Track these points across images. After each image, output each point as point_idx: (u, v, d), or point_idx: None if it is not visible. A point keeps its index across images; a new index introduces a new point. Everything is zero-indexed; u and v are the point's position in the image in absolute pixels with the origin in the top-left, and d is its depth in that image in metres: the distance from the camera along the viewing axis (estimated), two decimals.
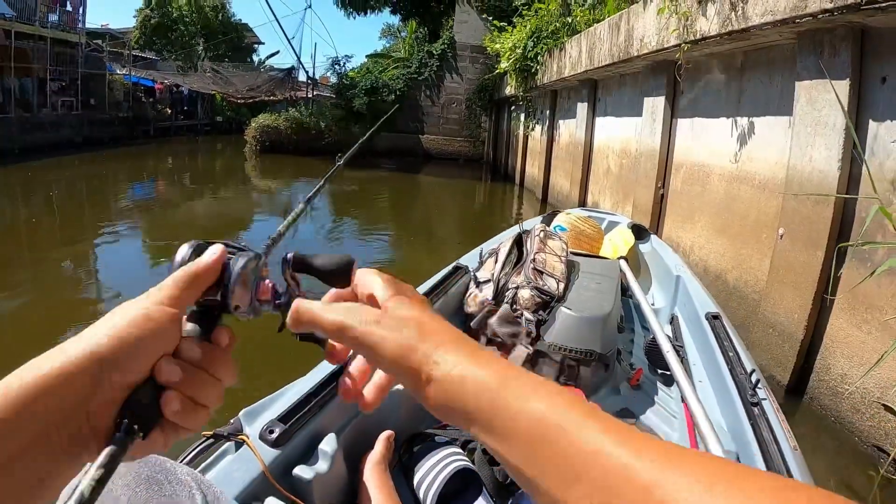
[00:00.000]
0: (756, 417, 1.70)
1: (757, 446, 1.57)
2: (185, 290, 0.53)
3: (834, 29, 3.34)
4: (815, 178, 3.49)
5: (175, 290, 0.52)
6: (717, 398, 2.08)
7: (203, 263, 0.55)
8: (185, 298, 0.53)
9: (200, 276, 0.54)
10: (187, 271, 0.54)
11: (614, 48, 6.68)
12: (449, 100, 21.52)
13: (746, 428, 1.68)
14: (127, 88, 26.26)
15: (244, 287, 0.56)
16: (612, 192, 8.01)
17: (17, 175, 13.76)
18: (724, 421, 1.92)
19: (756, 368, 1.98)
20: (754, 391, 1.82)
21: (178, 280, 0.53)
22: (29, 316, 5.17)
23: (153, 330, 0.49)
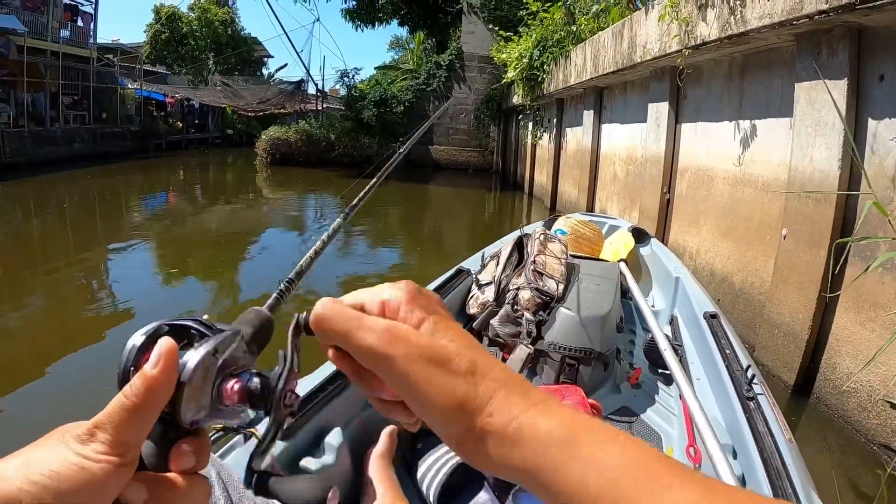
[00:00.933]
0: (752, 411, 1.72)
1: (752, 439, 1.59)
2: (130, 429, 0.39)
3: (831, 29, 3.36)
4: (816, 177, 3.51)
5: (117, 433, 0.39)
6: (715, 394, 2.11)
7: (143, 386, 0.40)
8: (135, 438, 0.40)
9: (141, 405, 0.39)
10: (121, 404, 0.39)
11: (618, 55, 6.71)
12: (457, 110, 21.61)
13: (742, 422, 1.70)
14: (138, 102, 26.55)
15: (198, 398, 0.42)
16: (620, 198, 8.02)
17: (30, 188, 13.95)
18: (721, 416, 1.94)
19: (752, 364, 2.00)
20: (750, 386, 1.84)
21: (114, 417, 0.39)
22: (42, 327, 5.22)
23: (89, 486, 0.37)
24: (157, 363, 0.40)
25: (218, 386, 0.43)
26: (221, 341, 0.43)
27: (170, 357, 0.40)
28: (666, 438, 2.17)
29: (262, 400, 0.44)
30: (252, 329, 0.47)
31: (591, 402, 2.01)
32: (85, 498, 0.37)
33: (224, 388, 0.43)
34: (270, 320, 0.50)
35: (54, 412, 3.31)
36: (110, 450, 0.38)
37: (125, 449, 0.39)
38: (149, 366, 0.40)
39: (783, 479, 1.40)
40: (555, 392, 2.03)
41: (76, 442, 0.38)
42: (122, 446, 0.39)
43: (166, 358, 0.40)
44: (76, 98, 22.48)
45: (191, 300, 6.14)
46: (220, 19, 34.54)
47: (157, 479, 0.41)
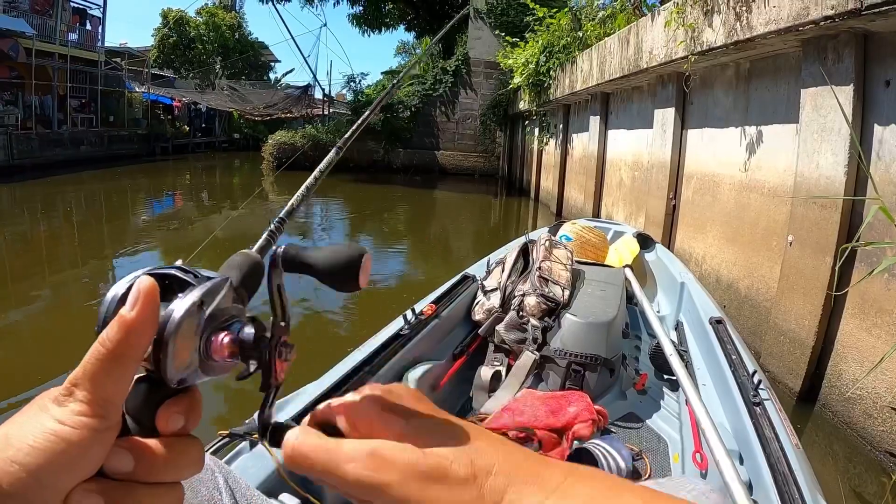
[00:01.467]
0: (758, 417, 1.71)
1: (759, 445, 1.59)
2: (109, 382, 0.35)
3: (837, 35, 3.36)
4: (822, 183, 3.50)
5: (95, 388, 0.35)
6: (721, 400, 2.10)
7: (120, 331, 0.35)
8: (114, 392, 0.36)
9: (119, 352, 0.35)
10: (98, 353, 0.36)
11: (624, 61, 6.72)
12: (464, 115, 21.59)
13: (749, 427, 1.69)
14: (145, 106, 26.66)
15: (185, 353, 0.38)
16: (626, 203, 8.02)
17: (38, 190, 14.01)
18: (727, 421, 1.93)
19: (758, 370, 2.00)
20: (756, 391, 1.84)
21: (90, 369, 0.35)
22: (48, 329, 5.25)
23: (68, 456, 0.34)
24: (134, 304, 0.36)
25: (206, 339, 0.39)
26: (208, 290, 0.39)
27: (148, 297, 0.36)
28: (672, 444, 2.17)
29: (255, 352, 0.41)
30: (240, 274, 0.43)
31: (598, 409, 2.02)
32: (67, 469, 0.34)
33: (213, 342, 0.39)
34: (260, 263, 0.46)
35: None
36: (89, 409, 0.35)
37: (105, 407, 0.35)
38: (125, 308, 0.36)
39: (790, 484, 1.39)
40: (561, 398, 2.04)
41: (54, 404, 0.35)
42: (102, 404, 0.35)
43: (145, 297, 0.36)
44: (84, 101, 22.59)
45: None
46: (227, 24, 34.69)
47: (143, 444, 0.37)
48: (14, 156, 15.83)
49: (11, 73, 18.68)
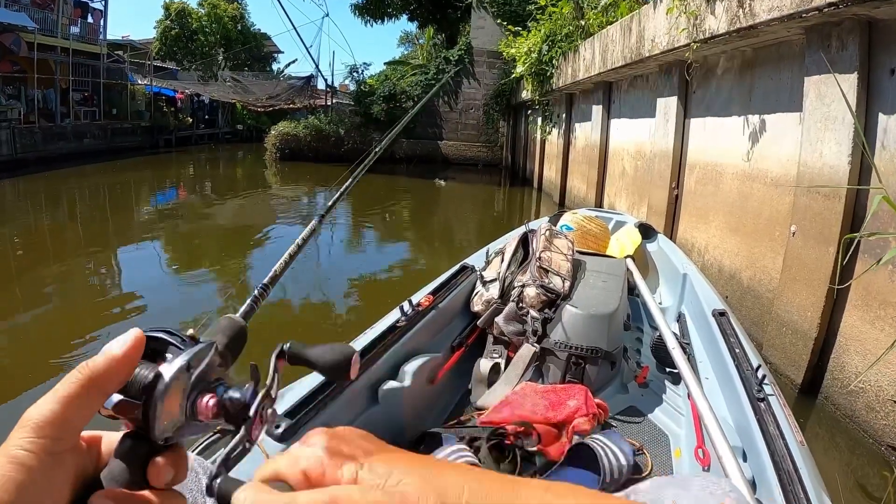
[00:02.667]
0: (762, 413, 1.68)
1: (763, 441, 1.56)
2: (73, 403, 0.37)
3: (840, 22, 3.32)
4: (825, 173, 3.47)
5: (54, 412, 0.36)
6: (724, 394, 2.07)
7: (100, 363, 0.38)
8: (75, 421, 0.37)
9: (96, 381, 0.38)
10: (74, 377, 0.38)
11: (626, 50, 6.67)
12: (466, 105, 21.58)
13: (752, 423, 1.66)
14: (148, 98, 26.64)
15: (172, 412, 0.41)
16: (628, 193, 7.99)
17: (41, 183, 14.04)
18: (731, 417, 1.91)
19: (762, 364, 1.97)
20: (760, 387, 1.81)
21: (61, 390, 0.37)
22: (53, 321, 5.27)
23: (25, 484, 0.34)
24: (122, 346, 0.40)
25: (192, 401, 0.42)
26: (195, 354, 0.42)
27: (137, 342, 0.40)
28: (674, 439, 2.14)
29: (237, 414, 0.43)
30: (226, 338, 0.47)
31: (598, 402, 1.99)
32: (30, 495, 0.34)
33: (199, 404, 0.42)
34: (244, 328, 0.49)
35: None
36: (45, 431, 0.36)
37: (63, 429, 0.36)
38: (115, 344, 0.40)
39: (794, 483, 1.36)
40: (561, 391, 2.02)
41: (20, 427, 0.36)
42: (63, 425, 0.36)
43: (133, 342, 0.40)
44: (86, 94, 22.60)
45: (201, 295, 6.15)
46: (229, 15, 34.65)
47: (129, 495, 0.39)
48: (17, 150, 15.82)
49: (14, 67, 18.67)
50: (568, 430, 1.88)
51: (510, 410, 1.95)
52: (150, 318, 5.16)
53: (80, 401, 0.37)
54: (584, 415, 1.90)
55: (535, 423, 1.86)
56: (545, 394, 2.01)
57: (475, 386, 2.33)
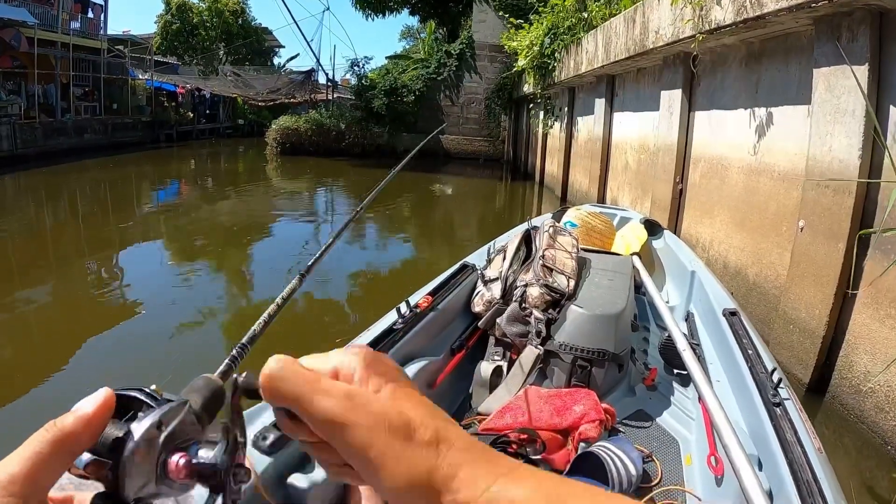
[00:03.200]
0: (778, 418, 1.61)
1: (780, 449, 1.48)
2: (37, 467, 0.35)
3: (851, 13, 3.24)
4: (835, 167, 3.39)
5: (20, 468, 0.35)
6: (737, 398, 1.98)
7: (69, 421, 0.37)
8: (41, 479, 0.36)
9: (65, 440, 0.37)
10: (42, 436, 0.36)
11: (630, 42, 6.58)
12: (468, 99, 21.53)
13: (768, 430, 1.59)
14: (149, 93, 26.63)
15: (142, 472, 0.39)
16: (631, 187, 7.92)
17: (42, 178, 14.03)
18: (745, 422, 1.82)
19: (777, 367, 1.88)
20: (776, 391, 1.73)
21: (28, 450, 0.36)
22: (53, 315, 5.28)
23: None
24: (93, 405, 0.38)
25: (163, 460, 0.40)
26: (167, 412, 0.40)
27: (107, 402, 0.39)
28: (684, 445, 2.07)
29: (211, 476, 0.40)
30: (201, 398, 0.43)
31: (605, 407, 1.92)
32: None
33: (169, 463, 0.40)
34: (221, 388, 0.46)
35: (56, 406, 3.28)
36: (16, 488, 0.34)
37: (32, 489, 0.35)
38: (85, 403, 0.38)
39: (815, 494, 1.29)
40: (567, 396, 1.95)
41: None
42: (30, 483, 0.35)
43: (104, 401, 0.39)
44: (87, 89, 22.53)
45: (201, 292, 6.11)
46: (230, 9, 34.52)
47: None
48: (18, 145, 15.79)
49: (14, 62, 18.63)
50: (574, 437, 1.81)
51: (513, 416, 1.88)
52: (151, 314, 5.14)
53: (48, 460, 0.36)
54: (591, 421, 1.83)
55: (540, 430, 1.80)
56: (550, 398, 1.95)
57: (476, 390, 2.26)
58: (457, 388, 2.33)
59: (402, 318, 2.12)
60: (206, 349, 4.52)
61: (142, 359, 4.24)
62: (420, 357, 2.08)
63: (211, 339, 4.85)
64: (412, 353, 2.08)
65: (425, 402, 0.44)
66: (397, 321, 2.09)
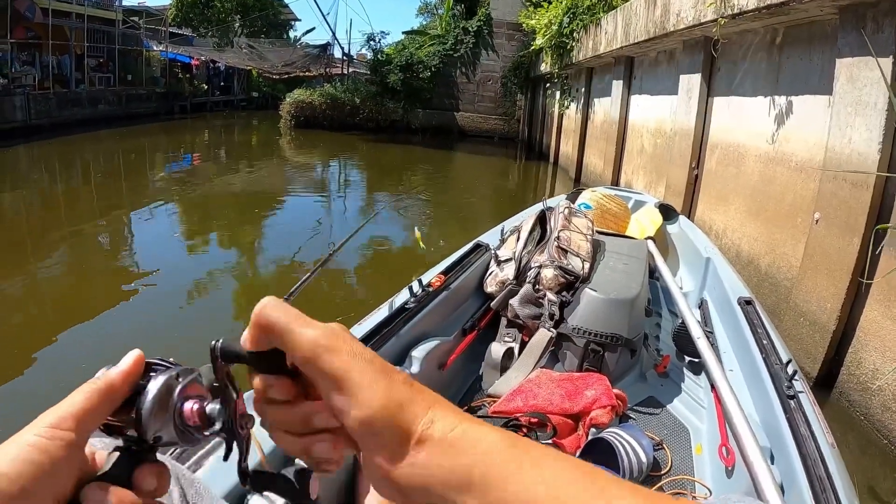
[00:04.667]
0: (792, 411, 1.59)
1: (793, 442, 1.47)
2: (88, 409, 0.42)
3: (877, 3, 3.18)
4: (854, 159, 3.35)
5: (73, 409, 0.41)
6: (750, 389, 1.97)
7: (114, 373, 0.44)
8: (89, 420, 0.42)
9: (110, 389, 0.43)
10: (89, 386, 0.43)
11: (650, 24, 6.51)
12: (484, 77, 21.36)
13: (782, 422, 1.57)
14: (163, 65, 26.54)
15: (161, 412, 0.45)
16: (646, 171, 7.87)
17: (56, 149, 14.07)
18: (757, 414, 1.80)
19: (792, 359, 1.86)
20: (791, 383, 1.71)
21: (78, 396, 0.42)
22: (65, 285, 5.32)
23: (43, 467, 0.38)
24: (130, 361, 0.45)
25: (180, 406, 0.46)
26: (182, 370, 0.47)
27: (139, 360, 0.45)
28: (695, 434, 2.07)
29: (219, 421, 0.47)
30: (207, 378, 0.50)
31: (617, 393, 1.92)
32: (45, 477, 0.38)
33: (185, 409, 0.46)
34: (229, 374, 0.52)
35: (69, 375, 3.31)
36: (66, 424, 0.40)
37: (80, 427, 0.41)
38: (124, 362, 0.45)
39: (827, 489, 1.28)
40: (578, 380, 1.96)
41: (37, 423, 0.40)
42: (79, 423, 0.41)
43: (137, 359, 0.45)
44: (101, 60, 22.43)
45: (213, 262, 6.14)
46: None
47: (123, 491, 0.42)
48: (32, 116, 15.78)
49: (28, 33, 18.56)
50: (585, 422, 1.82)
51: (524, 399, 1.89)
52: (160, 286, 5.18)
53: (96, 405, 0.42)
54: (602, 406, 1.84)
55: (551, 415, 1.80)
56: (561, 382, 1.95)
57: (487, 372, 2.27)
58: (468, 369, 2.35)
59: (415, 296, 2.13)
60: (213, 322, 4.56)
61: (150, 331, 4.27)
62: (431, 337, 2.09)
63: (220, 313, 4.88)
64: (424, 333, 2.09)
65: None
66: (409, 300, 2.10)
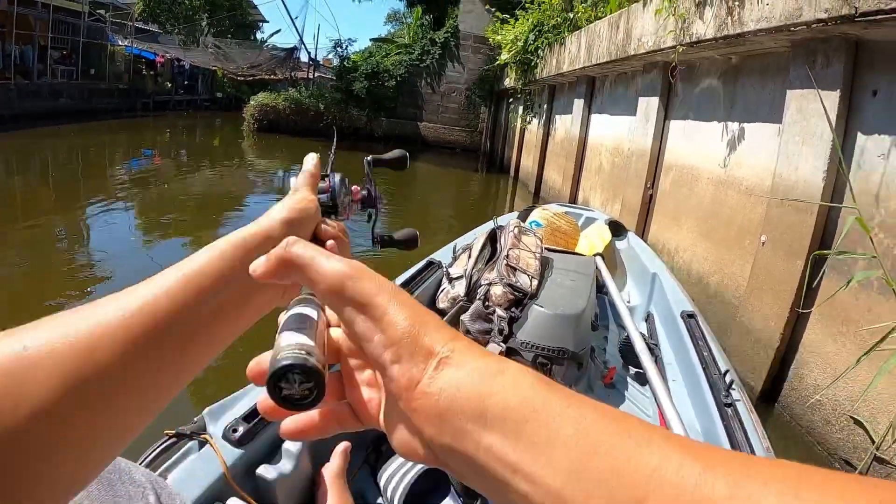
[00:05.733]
0: (729, 419, 1.69)
1: (729, 447, 1.56)
2: (312, 185, 0.71)
3: (828, 39, 3.31)
4: (800, 187, 3.48)
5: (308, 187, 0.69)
6: (691, 398, 2.06)
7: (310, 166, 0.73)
8: (313, 190, 0.70)
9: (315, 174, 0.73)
10: (310, 174, 0.72)
11: (612, 46, 6.65)
12: (449, 88, 21.48)
13: (719, 429, 1.67)
14: (128, 60, 26.15)
15: (342, 189, 0.76)
16: (603, 189, 8.00)
17: (14, 142, 13.69)
18: (698, 421, 1.90)
19: (730, 369, 1.96)
20: (728, 392, 1.81)
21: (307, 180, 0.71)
22: (20, 281, 5.21)
23: (311, 208, 0.66)
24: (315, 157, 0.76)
25: (348, 187, 0.78)
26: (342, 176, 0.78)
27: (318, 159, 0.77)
28: None
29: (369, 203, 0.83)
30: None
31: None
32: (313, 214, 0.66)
33: (354, 189, 0.80)
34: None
35: None
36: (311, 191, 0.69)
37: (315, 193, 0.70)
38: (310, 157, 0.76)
39: None
40: None
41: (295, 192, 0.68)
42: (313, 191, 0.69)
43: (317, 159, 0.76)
44: (65, 52, 22.03)
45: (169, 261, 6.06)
46: None
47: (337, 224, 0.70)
48: None
49: None
50: None
51: None
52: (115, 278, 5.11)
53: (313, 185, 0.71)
54: None
55: None
56: None
57: None
58: None
59: None
60: None
61: None
62: None
63: None
64: None
65: None
66: None
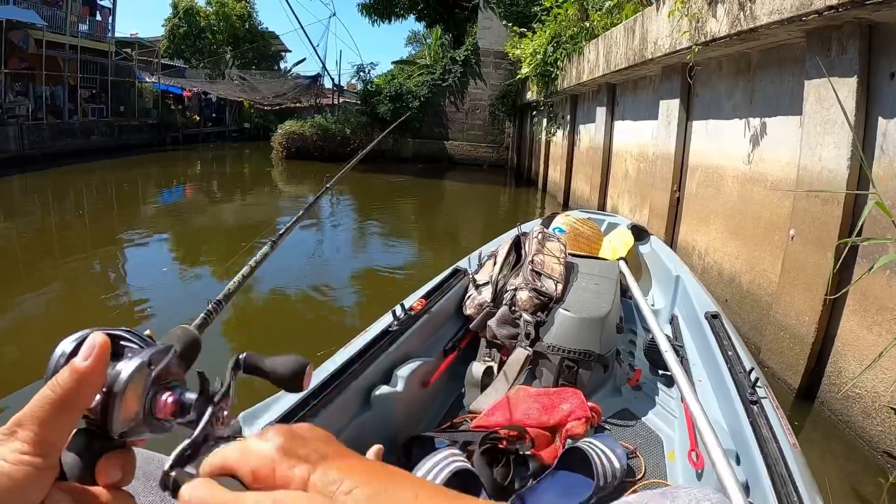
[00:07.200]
0: (755, 416, 1.70)
1: (756, 445, 1.57)
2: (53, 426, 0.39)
3: (841, 26, 3.30)
4: (824, 177, 3.45)
5: (40, 430, 0.38)
6: (717, 397, 2.08)
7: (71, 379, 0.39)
8: (57, 436, 0.39)
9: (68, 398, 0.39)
10: (46, 398, 0.39)
11: (629, 52, 6.66)
12: (473, 105, 21.57)
13: (745, 426, 1.68)
14: (156, 96, 26.74)
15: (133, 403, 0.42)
16: (630, 195, 7.98)
17: (49, 180, 14.10)
18: (724, 420, 1.91)
19: (755, 366, 1.97)
20: (753, 389, 1.82)
21: (37, 413, 0.39)
22: (58, 316, 5.29)
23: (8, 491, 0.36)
24: (88, 355, 0.40)
25: (151, 398, 0.43)
26: (154, 353, 0.44)
27: (102, 350, 0.40)
28: (667, 442, 2.15)
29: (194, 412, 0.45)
30: (181, 345, 0.48)
31: (591, 405, 2.00)
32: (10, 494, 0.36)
33: (157, 401, 0.43)
34: (198, 339, 0.51)
35: None
36: (31, 449, 0.38)
37: (47, 449, 0.38)
38: (79, 358, 0.40)
39: (788, 485, 1.38)
40: (554, 395, 2.02)
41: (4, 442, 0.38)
42: (44, 445, 0.38)
43: (99, 350, 0.40)
44: (94, 91, 22.66)
45: (206, 293, 6.16)
46: (237, 13, 34.68)
47: (83, 490, 0.40)
48: (25, 146, 15.89)
49: (22, 64, 18.71)
50: (561, 433, 1.88)
51: (503, 414, 1.95)
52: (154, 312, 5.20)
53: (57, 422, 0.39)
54: (578, 418, 1.90)
55: (529, 427, 1.86)
56: (538, 397, 2.02)
57: (468, 389, 2.33)
58: (449, 387, 2.41)
59: (398, 320, 2.20)
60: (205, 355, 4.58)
61: None
62: (414, 357, 2.16)
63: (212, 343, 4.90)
64: (407, 354, 2.16)
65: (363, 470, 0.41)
66: (393, 323, 2.18)
